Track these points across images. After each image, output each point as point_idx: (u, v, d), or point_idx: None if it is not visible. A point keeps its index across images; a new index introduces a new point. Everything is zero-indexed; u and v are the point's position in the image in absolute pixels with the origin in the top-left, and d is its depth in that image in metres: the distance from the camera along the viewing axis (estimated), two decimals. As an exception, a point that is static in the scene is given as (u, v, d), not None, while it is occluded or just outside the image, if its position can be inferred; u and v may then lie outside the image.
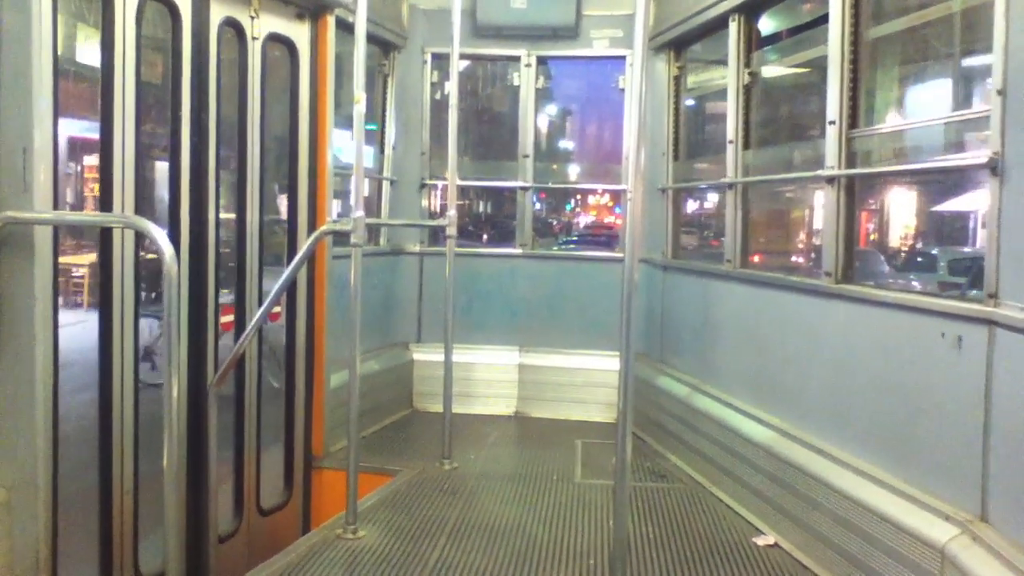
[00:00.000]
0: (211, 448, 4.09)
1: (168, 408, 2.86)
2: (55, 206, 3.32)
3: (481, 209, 11.91)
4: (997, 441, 2.88)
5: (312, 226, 5.06)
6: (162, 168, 4.27)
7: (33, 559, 3.25)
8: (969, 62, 3.76)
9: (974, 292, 3.30)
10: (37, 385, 3.24)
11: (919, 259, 7.49)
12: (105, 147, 3.66)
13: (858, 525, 3.48)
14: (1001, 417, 2.86)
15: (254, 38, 4.65)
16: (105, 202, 3.67)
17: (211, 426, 4.09)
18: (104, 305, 3.68)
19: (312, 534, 4.21)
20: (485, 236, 10.18)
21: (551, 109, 9.09)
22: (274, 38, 4.83)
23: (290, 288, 4.93)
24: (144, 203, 3.98)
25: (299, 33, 5.01)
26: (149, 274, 4.13)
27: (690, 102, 6.39)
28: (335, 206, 5.86)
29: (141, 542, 3.81)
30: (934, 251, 7.81)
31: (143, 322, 3.95)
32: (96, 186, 3.91)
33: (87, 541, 3.66)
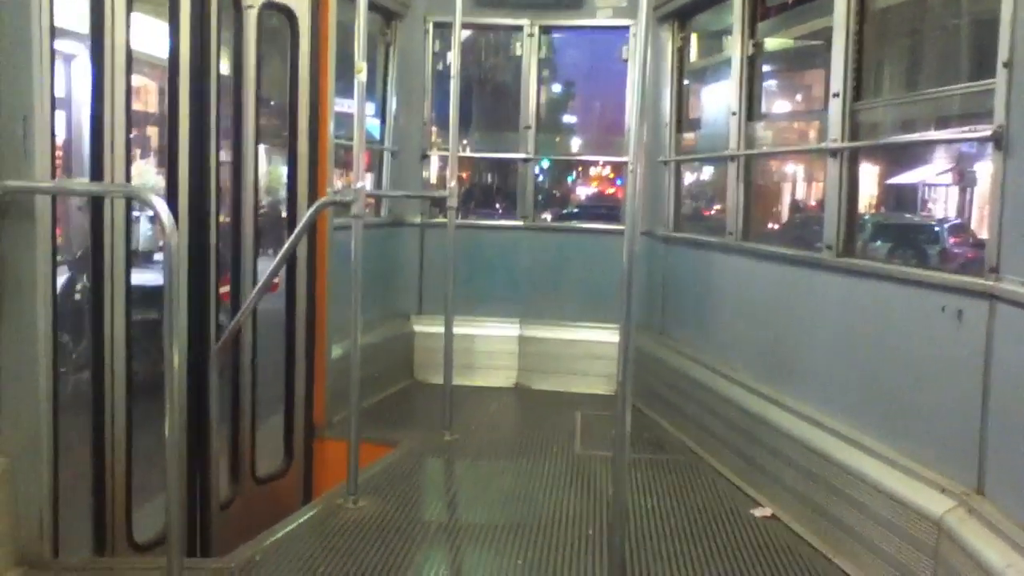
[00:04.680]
0: (212, 416, 4.11)
1: (169, 377, 2.87)
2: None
3: (485, 180, 11.86)
4: (995, 415, 2.89)
5: (312, 196, 5.04)
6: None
7: (37, 527, 3.28)
8: (975, 34, 3.73)
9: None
10: (39, 354, 3.25)
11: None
12: (97, 115, 3.62)
13: (855, 497, 3.50)
14: (1000, 391, 2.87)
15: (249, 6, 4.59)
16: (96, 170, 3.64)
17: (212, 394, 4.11)
18: (96, 272, 3.67)
19: (313, 503, 4.25)
20: (496, 207, 10.11)
21: (554, 80, 9.03)
22: (272, 6, 4.78)
23: (290, 259, 4.93)
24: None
25: (298, 1, 4.95)
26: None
27: (694, 74, 6.35)
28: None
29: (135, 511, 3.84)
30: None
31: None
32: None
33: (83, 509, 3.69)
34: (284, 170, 5.12)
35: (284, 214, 5.16)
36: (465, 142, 7.62)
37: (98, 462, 3.69)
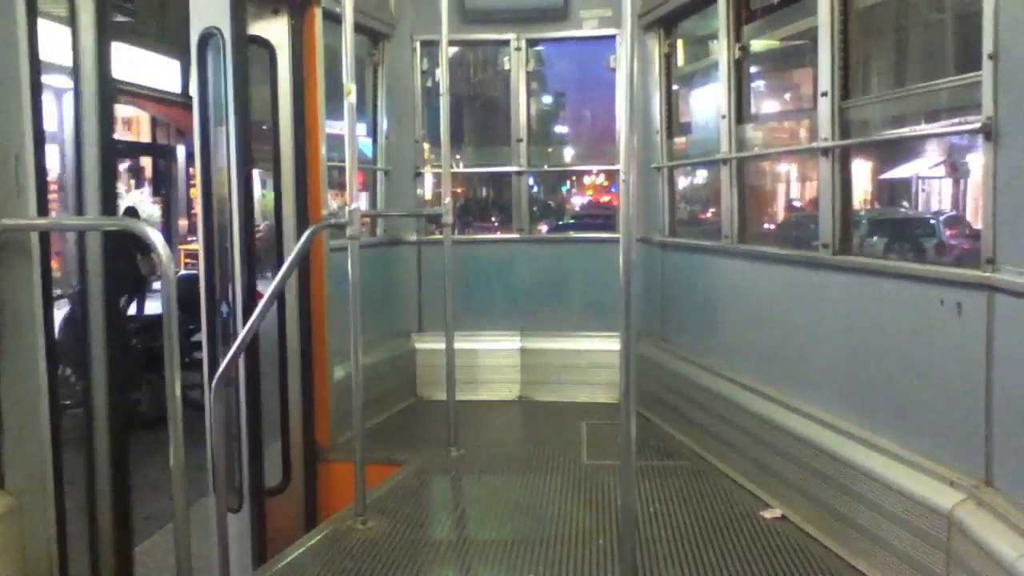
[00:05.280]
0: (217, 441, 4.09)
1: (171, 404, 2.87)
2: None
3: (480, 195, 11.85)
4: (999, 405, 2.89)
5: (300, 219, 5.02)
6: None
7: (46, 563, 3.27)
8: (959, 27, 3.75)
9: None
10: (41, 391, 3.24)
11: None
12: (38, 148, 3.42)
13: (864, 494, 3.50)
14: (1003, 381, 2.87)
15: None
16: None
17: (217, 420, 4.09)
18: None
19: (322, 525, 4.24)
20: (492, 221, 10.09)
21: (543, 92, 9.05)
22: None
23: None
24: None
25: (275, 30, 4.94)
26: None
27: (682, 79, 6.37)
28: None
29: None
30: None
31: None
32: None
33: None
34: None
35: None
36: (458, 157, 7.63)
37: None
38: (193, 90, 5.06)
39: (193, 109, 5.04)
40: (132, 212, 17.85)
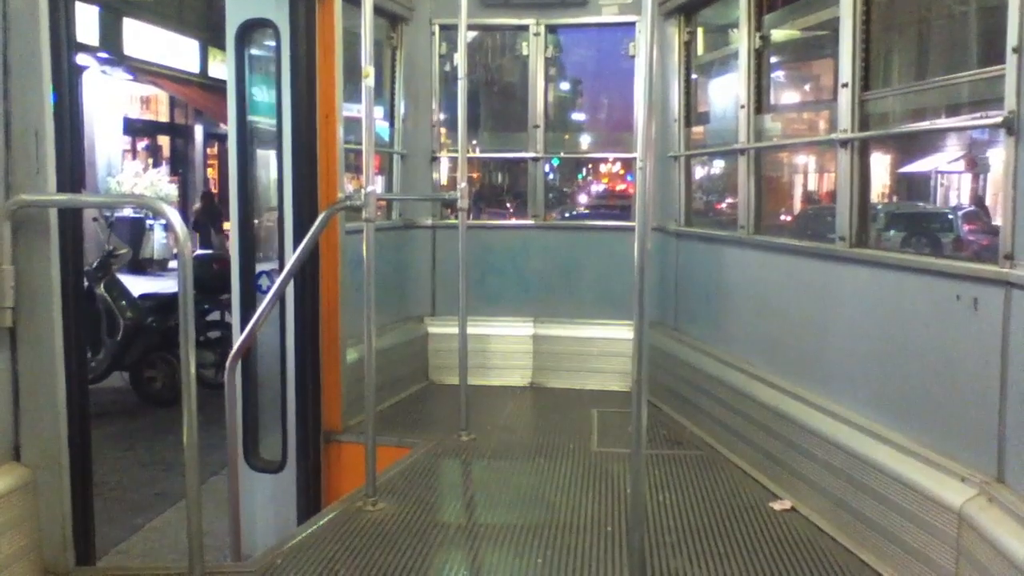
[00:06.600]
0: (236, 418, 4.13)
1: (185, 384, 2.89)
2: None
3: (496, 180, 11.84)
4: (1014, 402, 2.87)
5: (302, 202, 4.99)
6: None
7: (60, 537, 3.31)
8: (983, 20, 3.70)
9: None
10: (57, 366, 3.28)
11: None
12: None
13: (874, 488, 3.49)
14: (1018, 378, 2.85)
15: None
16: None
17: (235, 397, 4.14)
18: None
19: (333, 506, 4.27)
20: (507, 207, 10.06)
21: (561, 78, 9.02)
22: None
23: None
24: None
25: (279, 14, 4.92)
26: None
27: (701, 68, 6.33)
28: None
29: None
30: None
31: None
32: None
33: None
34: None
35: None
36: (474, 143, 7.63)
37: None
38: (230, 79, 5.08)
39: (229, 98, 5.07)
40: (208, 196, 18.05)
